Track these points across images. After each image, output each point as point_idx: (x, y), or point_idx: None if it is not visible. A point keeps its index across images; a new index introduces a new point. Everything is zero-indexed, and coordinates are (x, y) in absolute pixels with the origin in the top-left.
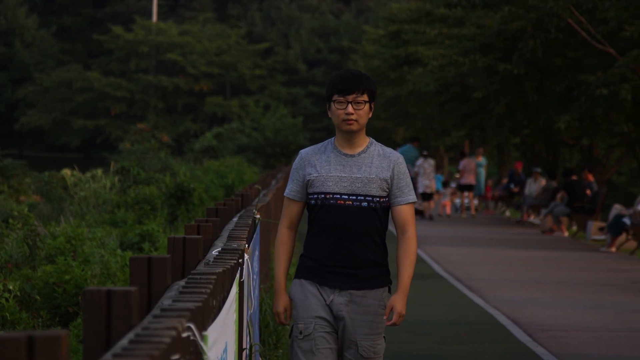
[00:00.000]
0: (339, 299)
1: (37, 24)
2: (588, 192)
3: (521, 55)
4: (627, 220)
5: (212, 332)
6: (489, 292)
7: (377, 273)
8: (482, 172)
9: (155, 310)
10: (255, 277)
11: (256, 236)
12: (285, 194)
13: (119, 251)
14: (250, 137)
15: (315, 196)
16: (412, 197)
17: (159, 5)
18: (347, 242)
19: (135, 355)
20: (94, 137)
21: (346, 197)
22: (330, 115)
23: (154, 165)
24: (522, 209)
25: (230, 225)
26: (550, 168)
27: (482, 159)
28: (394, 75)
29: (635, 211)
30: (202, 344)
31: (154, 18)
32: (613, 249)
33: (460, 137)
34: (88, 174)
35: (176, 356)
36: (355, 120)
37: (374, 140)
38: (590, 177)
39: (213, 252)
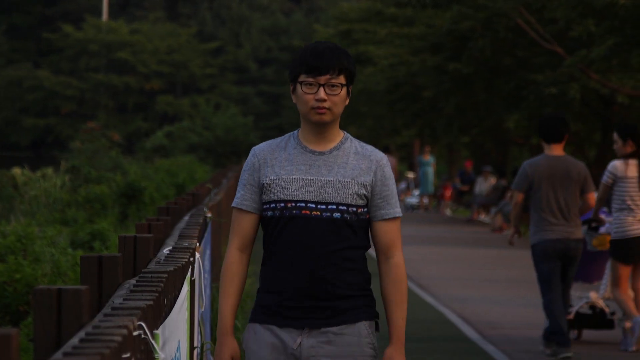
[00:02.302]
0: (309, 342)
1: None
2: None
3: (470, 55)
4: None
5: (163, 330)
6: (439, 291)
7: (359, 303)
8: (430, 170)
9: (106, 309)
10: (206, 275)
11: (207, 235)
12: (233, 204)
13: (69, 250)
14: (201, 136)
15: (273, 205)
16: (398, 210)
17: (109, 4)
18: (317, 266)
19: (85, 354)
20: (45, 135)
21: (313, 205)
22: (294, 101)
23: (105, 164)
24: (472, 207)
25: (181, 224)
26: (500, 167)
27: (429, 158)
28: None
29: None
30: (153, 342)
31: (104, 17)
32: None
33: (411, 136)
34: (39, 173)
35: (127, 355)
36: (328, 109)
37: (349, 135)
38: None
39: (164, 251)
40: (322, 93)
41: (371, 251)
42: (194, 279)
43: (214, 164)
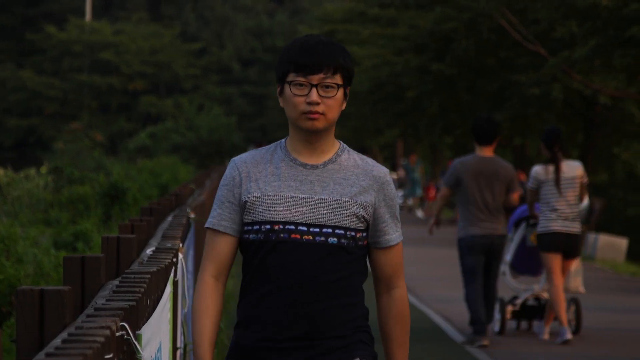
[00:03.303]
0: None
1: None
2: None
3: (454, 56)
4: None
5: (146, 331)
6: (422, 291)
7: (356, 339)
8: (417, 176)
9: (89, 310)
10: (189, 276)
11: (190, 235)
12: (208, 225)
13: (52, 251)
14: (184, 136)
15: (256, 227)
16: (400, 234)
17: (92, 5)
18: (307, 300)
19: (68, 355)
20: (28, 136)
21: (304, 228)
22: (282, 104)
23: (88, 164)
24: (455, 208)
25: (164, 225)
26: None
27: (416, 164)
28: None
29: None
30: (135, 343)
31: (87, 17)
32: None
33: (394, 137)
34: (21, 174)
35: (110, 355)
36: (322, 114)
37: (346, 145)
38: (523, 177)
39: (147, 252)
40: (314, 95)
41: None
42: (177, 280)
43: (198, 165)
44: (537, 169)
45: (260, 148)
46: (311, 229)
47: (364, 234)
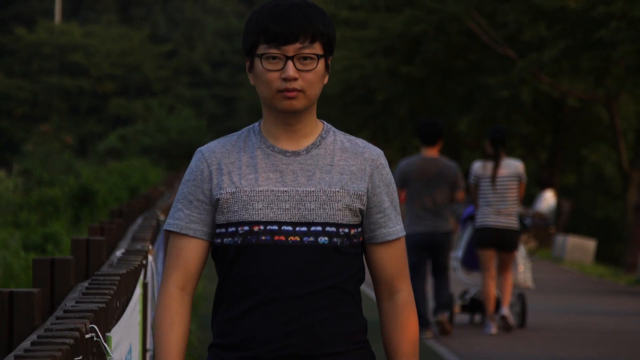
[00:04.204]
0: None
1: None
2: None
3: (423, 58)
4: (528, 221)
5: (116, 333)
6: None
7: (355, 356)
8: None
9: (58, 312)
10: (159, 278)
11: (160, 237)
12: (170, 228)
13: (22, 253)
14: (154, 138)
15: (232, 229)
16: (401, 227)
17: (62, 7)
18: (296, 312)
19: (37, 357)
20: None
21: (289, 228)
22: (252, 82)
23: (58, 166)
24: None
25: (134, 227)
26: None
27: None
28: None
29: (534, 212)
30: (105, 345)
31: (57, 19)
32: None
33: (364, 139)
34: None
35: (79, 357)
36: (301, 91)
37: (331, 126)
38: None
39: (117, 254)
40: (290, 69)
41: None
42: (147, 282)
43: (168, 167)
44: (477, 165)
45: (230, 135)
46: (297, 229)
47: (359, 230)
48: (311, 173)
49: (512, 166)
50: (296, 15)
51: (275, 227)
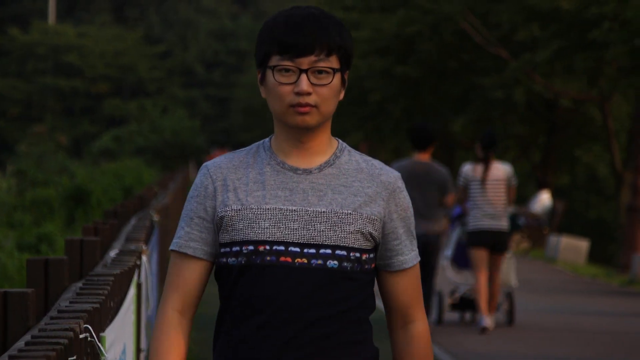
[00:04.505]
0: None
1: None
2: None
3: (417, 59)
4: (521, 221)
5: (110, 333)
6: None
7: None
8: None
9: (53, 312)
10: (153, 278)
11: (154, 238)
12: (173, 247)
13: (16, 253)
14: (148, 139)
15: (236, 249)
16: (416, 253)
17: (56, 8)
18: (303, 340)
19: (31, 357)
20: None
21: (296, 250)
22: (264, 95)
23: (52, 167)
24: None
25: (128, 227)
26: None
27: None
28: None
29: (528, 212)
30: (99, 345)
31: (51, 20)
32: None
33: (359, 140)
34: None
35: (73, 357)
36: (314, 106)
37: (346, 144)
38: None
39: (111, 254)
40: (304, 83)
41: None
42: (141, 282)
43: (162, 167)
44: (467, 168)
45: (238, 150)
46: (305, 250)
47: (371, 255)
48: (323, 193)
49: (501, 170)
50: (312, 26)
51: (282, 248)
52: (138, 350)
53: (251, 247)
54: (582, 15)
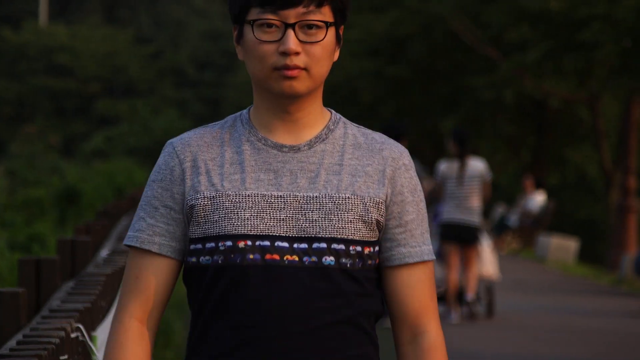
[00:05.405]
0: None
1: None
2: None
3: (408, 59)
4: (511, 222)
5: (101, 332)
6: None
7: None
8: None
9: (44, 311)
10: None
11: None
12: (130, 242)
13: (7, 253)
14: (139, 140)
15: (211, 246)
16: (429, 249)
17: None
18: (294, 354)
19: (23, 356)
20: None
21: (285, 245)
22: (241, 57)
23: (44, 167)
24: None
25: (119, 227)
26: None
27: None
28: None
29: (524, 211)
30: (91, 344)
31: (43, 20)
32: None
33: None
34: None
35: (65, 356)
36: (304, 69)
37: (341, 115)
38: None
39: (102, 254)
40: (291, 40)
41: None
42: None
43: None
44: (443, 166)
45: (211, 124)
46: (295, 245)
47: (376, 249)
48: (314, 174)
49: (476, 166)
50: None
51: (267, 243)
52: None
53: (229, 243)
54: (571, 15)
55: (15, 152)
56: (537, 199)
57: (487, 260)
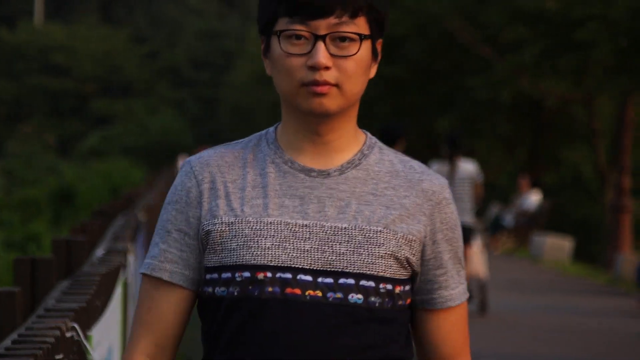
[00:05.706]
0: None
1: None
2: None
3: (405, 59)
4: (506, 222)
5: (96, 332)
6: None
7: None
8: None
9: (40, 311)
10: (139, 278)
11: (141, 237)
12: (144, 270)
13: (3, 252)
14: (136, 139)
15: (227, 276)
16: (465, 287)
17: (44, 8)
18: None
19: (18, 355)
20: None
21: (308, 278)
22: (269, 72)
23: (40, 166)
24: None
25: (115, 227)
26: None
27: None
28: None
29: (521, 210)
30: (86, 343)
31: (39, 20)
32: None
33: None
34: None
35: (60, 356)
36: (335, 85)
37: (376, 139)
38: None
39: (98, 253)
40: (320, 53)
41: None
42: (128, 281)
43: (149, 167)
44: (434, 166)
45: (233, 142)
46: (320, 279)
47: (407, 288)
48: (345, 203)
49: (466, 168)
50: None
51: (289, 275)
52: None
53: (247, 274)
54: (567, 15)
55: (12, 151)
56: (533, 199)
57: (475, 260)
